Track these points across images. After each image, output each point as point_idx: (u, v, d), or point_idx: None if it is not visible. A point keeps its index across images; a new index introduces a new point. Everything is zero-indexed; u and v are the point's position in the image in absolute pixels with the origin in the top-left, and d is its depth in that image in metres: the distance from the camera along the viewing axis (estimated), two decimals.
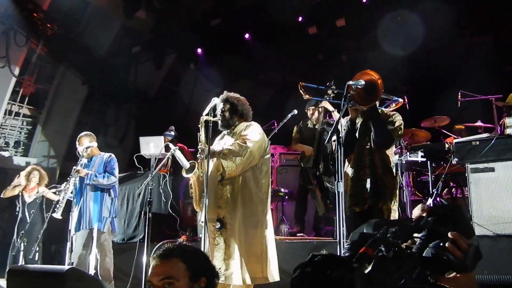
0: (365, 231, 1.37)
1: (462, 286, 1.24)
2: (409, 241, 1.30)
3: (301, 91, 3.86)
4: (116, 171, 5.52)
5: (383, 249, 1.23)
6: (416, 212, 3.52)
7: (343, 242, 2.94)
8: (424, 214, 1.34)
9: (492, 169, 4.18)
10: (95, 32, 10.05)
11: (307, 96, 3.85)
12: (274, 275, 3.85)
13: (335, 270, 1.18)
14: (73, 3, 9.52)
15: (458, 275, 1.25)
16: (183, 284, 1.81)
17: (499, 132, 5.19)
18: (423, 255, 1.23)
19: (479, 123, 6.35)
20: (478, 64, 7.82)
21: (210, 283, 1.90)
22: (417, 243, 1.28)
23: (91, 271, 4.95)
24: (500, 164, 4.16)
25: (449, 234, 1.23)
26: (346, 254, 1.31)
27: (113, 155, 5.64)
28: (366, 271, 1.18)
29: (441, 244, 1.22)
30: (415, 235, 1.30)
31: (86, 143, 5.47)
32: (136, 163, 6.81)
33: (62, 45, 9.79)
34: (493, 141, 4.20)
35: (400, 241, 1.27)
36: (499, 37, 8.71)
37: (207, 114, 3.91)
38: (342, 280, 1.17)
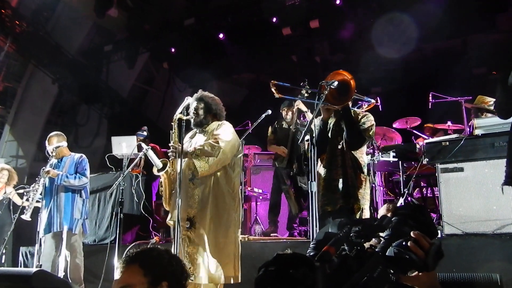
0: (330, 230, 1.39)
1: (424, 285, 1.27)
2: (375, 240, 1.32)
3: (272, 89, 3.86)
4: (88, 172, 5.41)
5: (346, 248, 1.24)
6: (382, 211, 3.58)
7: None
8: (388, 214, 1.37)
9: (461, 169, 4.26)
10: (65, 30, 9.87)
11: (279, 95, 3.85)
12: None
13: (298, 269, 1.19)
14: (42, 0, 9.31)
15: (420, 273, 1.27)
16: None
17: (468, 133, 5.31)
18: (386, 254, 1.25)
19: (448, 124, 6.50)
20: (448, 67, 8.00)
21: (173, 286, 1.89)
22: (381, 243, 1.29)
23: (60, 274, 4.83)
24: (469, 164, 4.24)
25: (412, 234, 1.25)
26: (311, 254, 1.32)
27: (84, 156, 5.53)
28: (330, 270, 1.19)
29: (404, 243, 1.24)
30: (380, 234, 1.32)
31: (56, 143, 5.34)
32: (108, 163, 6.69)
33: (31, 43, 9.57)
34: (462, 142, 4.28)
35: (363, 240, 1.28)
36: (467, 41, 8.94)
37: (180, 113, 3.88)
38: (305, 279, 1.18)
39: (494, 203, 4.03)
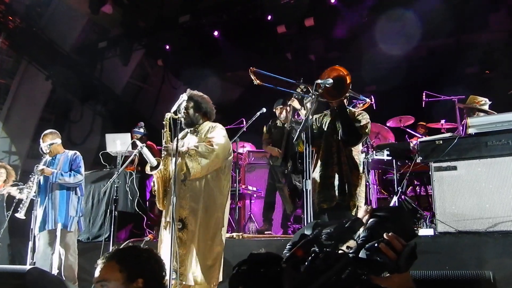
0: (305, 232, 1.40)
1: (396, 285, 1.26)
2: (353, 242, 1.33)
3: (252, 76, 3.85)
4: (82, 169, 5.39)
5: (317, 249, 1.25)
6: (360, 213, 3.60)
7: None
8: (366, 216, 1.38)
9: (455, 168, 4.29)
10: (59, 26, 9.82)
11: (258, 81, 3.84)
12: (221, 275, 3.91)
13: (270, 268, 1.20)
14: None
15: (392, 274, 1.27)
16: (115, 286, 1.92)
17: (461, 132, 5.34)
18: (360, 255, 1.25)
19: (442, 123, 6.55)
20: (442, 66, 8.05)
21: (149, 284, 1.98)
22: (356, 245, 1.29)
23: (54, 271, 4.82)
24: (462, 163, 4.26)
25: (385, 235, 1.25)
26: (287, 254, 1.33)
27: (78, 153, 5.51)
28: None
29: (376, 245, 1.24)
30: (354, 236, 1.33)
31: (50, 140, 5.32)
32: (102, 160, 6.67)
33: (24, 39, 9.51)
34: (455, 141, 4.31)
35: (333, 242, 1.29)
36: (460, 41, 9.00)
37: (175, 112, 3.87)
38: (275, 278, 1.20)
39: (487, 202, 4.07)
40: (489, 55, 8.37)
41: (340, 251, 1.27)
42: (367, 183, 5.52)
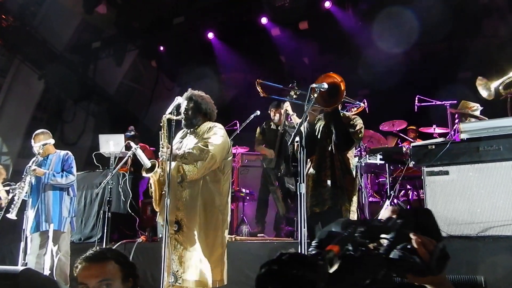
0: (333, 229, 1.36)
1: (433, 283, 1.24)
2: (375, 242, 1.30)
3: (258, 88, 3.87)
4: (74, 170, 5.37)
5: (350, 248, 1.21)
6: (385, 213, 3.64)
7: (304, 242, 2.99)
8: (393, 216, 1.34)
9: (447, 172, 4.32)
10: (53, 26, 9.76)
11: (264, 94, 3.87)
12: (226, 278, 3.88)
13: (301, 269, 1.17)
14: None
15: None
16: (117, 285, 1.95)
17: (453, 137, 5.39)
18: (390, 256, 1.21)
19: (434, 127, 6.60)
20: (434, 71, 8.10)
21: (136, 283, 2.06)
22: (384, 245, 1.28)
23: (46, 272, 4.79)
24: (454, 168, 4.30)
25: (411, 235, 1.22)
26: (313, 252, 1.30)
27: (70, 153, 5.49)
28: (332, 270, 1.18)
29: (408, 246, 1.20)
30: (383, 236, 1.29)
31: (42, 140, 5.29)
32: (95, 161, 6.64)
33: (17, 38, 9.45)
34: (447, 146, 4.34)
35: (367, 241, 1.26)
36: (453, 46, 9.07)
37: (170, 113, 3.85)
38: (306, 278, 1.14)
39: (478, 206, 4.11)
40: (482, 61, 8.44)
41: (374, 251, 1.25)
42: (360, 187, 5.55)
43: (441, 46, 9.29)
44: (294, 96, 4.50)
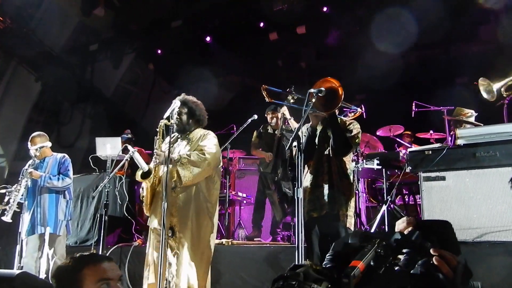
0: (349, 241, 1.31)
1: None
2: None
3: (264, 93, 3.89)
4: (71, 173, 5.35)
5: (372, 263, 1.17)
6: (401, 225, 3.59)
7: (302, 247, 2.98)
8: (409, 228, 1.30)
9: (443, 178, 4.34)
10: (50, 28, 9.73)
11: (270, 99, 3.89)
12: (209, 283, 3.93)
13: (320, 283, 1.12)
14: None
15: None
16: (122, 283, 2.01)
17: (449, 142, 5.41)
18: (412, 272, 1.18)
19: (431, 132, 6.62)
20: (432, 76, 8.13)
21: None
22: (402, 259, 1.23)
23: (42, 276, 4.77)
24: (451, 173, 4.32)
25: (432, 251, 1.17)
26: (328, 265, 1.25)
27: (66, 156, 5.47)
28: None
29: (431, 262, 1.15)
30: (405, 250, 1.24)
31: (39, 143, 5.28)
32: (91, 164, 6.62)
33: (14, 40, 9.41)
34: (444, 151, 4.36)
35: (390, 256, 1.21)
36: (450, 51, 9.11)
37: (168, 118, 3.85)
38: None
39: (475, 212, 4.12)
40: (478, 66, 8.47)
41: (397, 268, 1.19)
42: (357, 192, 5.55)
43: (438, 51, 9.33)
44: (292, 101, 4.51)
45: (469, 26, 8.17)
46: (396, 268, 1.19)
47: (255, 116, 6.07)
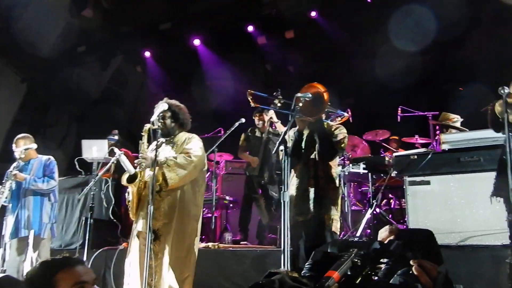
0: (329, 250, 1.30)
1: None
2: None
3: (249, 98, 3.90)
4: (56, 175, 5.31)
5: (349, 273, 1.16)
6: (383, 234, 3.63)
7: (287, 251, 3.00)
8: (391, 237, 1.29)
9: (428, 182, 4.40)
10: (38, 28, 9.64)
11: (255, 104, 3.91)
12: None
13: None
14: None
15: None
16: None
17: (434, 147, 5.47)
18: (391, 282, 1.17)
19: (416, 137, 6.68)
20: (417, 82, 8.22)
21: None
22: (382, 269, 1.22)
23: None
24: (435, 178, 4.38)
25: (412, 262, 1.15)
26: (306, 274, 1.23)
27: (52, 158, 5.43)
28: None
29: (410, 271, 1.14)
30: (384, 260, 1.23)
31: (23, 145, 5.22)
32: (77, 166, 6.57)
33: (0, 40, 9.32)
34: (429, 156, 4.41)
35: (368, 266, 1.19)
36: (436, 57, 9.21)
37: (153, 122, 3.84)
38: None
39: (459, 216, 4.18)
40: (465, 72, 8.57)
41: (376, 278, 1.18)
42: (343, 196, 5.59)
43: (425, 57, 9.43)
44: (279, 105, 4.53)
45: (456, 33, 8.26)
46: (374, 278, 1.18)
47: (243, 120, 6.08)
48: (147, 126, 3.82)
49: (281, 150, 3.30)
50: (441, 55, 8.80)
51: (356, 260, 1.19)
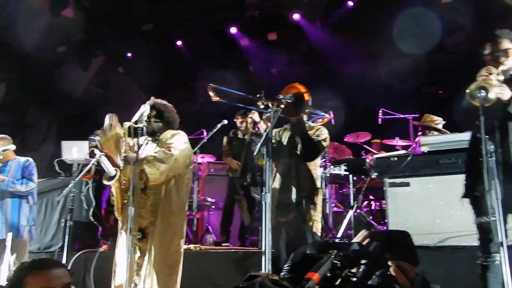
0: (308, 251, 1.30)
1: None
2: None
3: (210, 93, 3.86)
4: (35, 177, 5.23)
5: (329, 275, 1.16)
6: (360, 237, 3.65)
7: (268, 252, 3.00)
8: (367, 240, 1.30)
9: (408, 184, 4.45)
10: (17, 28, 9.50)
11: (216, 98, 3.86)
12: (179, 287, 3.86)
13: None
14: None
15: None
16: None
17: (414, 150, 5.54)
18: (369, 283, 1.17)
19: (396, 140, 6.77)
20: (398, 85, 8.31)
21: None
22: (361, 270, 1.21)
23: (3, 283, 4.63)
24: (415, 180, 4.43)
25: (389, 263, 1.16)
26: (286, 276, 1.23)
27: (31, 160, 5.35)
28: None
29: (388, 272, 1.15)
30: (363, 262, 1.22)
31: (1, 146, 5.14)
32: (57, 168, 6.48)
33: None
34: (409, 158, 4.47)
35: (348, 267, 1.20)
36: (416, 61, 9.33)
37: (135, 121, 3.80)
38: None
39: (437, 217, 4.24)
40: (444, 76, 8.71)
41: (354, 279, 1.17)
42: (324, 197, 5.62)
43: (405, 60, 9.54)
44: (261, 106, 4.53)
45: (436, 36, 8.38)
46: (353, 280, 1.19)
47: (225, 121, 6.08)
48: (127, 124, 3.77)
49: (262, 152, 3.30)
50: (422, 57, 8.93)
51: (335, 261, 1.19)
